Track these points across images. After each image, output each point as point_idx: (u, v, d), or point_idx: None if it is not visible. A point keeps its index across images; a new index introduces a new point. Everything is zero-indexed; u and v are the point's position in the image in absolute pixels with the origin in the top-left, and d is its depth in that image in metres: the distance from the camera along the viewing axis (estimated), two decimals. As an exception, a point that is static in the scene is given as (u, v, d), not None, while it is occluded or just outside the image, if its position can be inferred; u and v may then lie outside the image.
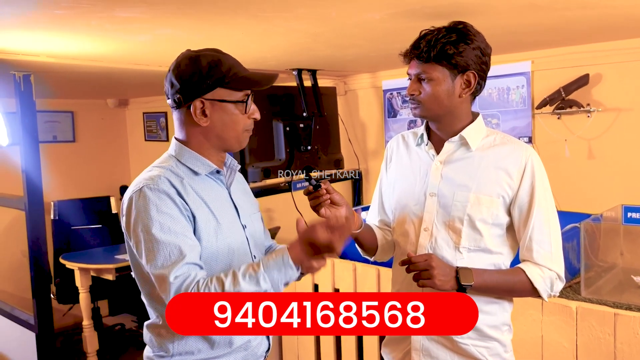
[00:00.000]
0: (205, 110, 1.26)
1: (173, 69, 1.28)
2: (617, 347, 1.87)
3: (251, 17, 1.69)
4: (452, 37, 1.31)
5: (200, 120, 1.27)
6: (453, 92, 1.36)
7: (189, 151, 1.31)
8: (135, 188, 1.24)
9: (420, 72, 1.36)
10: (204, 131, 1.29)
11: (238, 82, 1.27)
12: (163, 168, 1.28)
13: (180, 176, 1.28)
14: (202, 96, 1.25)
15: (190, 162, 1.31)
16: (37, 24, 1.69)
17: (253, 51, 2.31)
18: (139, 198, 1.21)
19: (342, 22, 1.82)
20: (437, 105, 1.37)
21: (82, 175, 4.62)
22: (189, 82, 1.25)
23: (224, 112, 1.28)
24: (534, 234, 1.36)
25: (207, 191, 1.31)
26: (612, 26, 2.10)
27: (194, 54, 1.28)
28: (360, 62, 2.88)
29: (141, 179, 1.26)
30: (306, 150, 2.87)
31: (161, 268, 1.18)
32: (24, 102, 2.60)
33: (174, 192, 1.23)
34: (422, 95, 1.37)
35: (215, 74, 1.25)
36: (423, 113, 1.40)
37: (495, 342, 1.42)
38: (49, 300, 2.75)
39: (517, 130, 2.75)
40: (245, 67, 1.31)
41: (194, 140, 1.31)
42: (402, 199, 1.50)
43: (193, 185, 1.28)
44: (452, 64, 1.33)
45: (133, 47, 2.12)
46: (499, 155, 1.39)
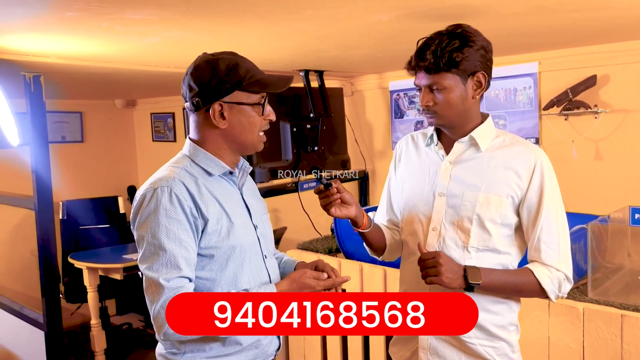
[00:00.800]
0: (223, 113, 1.29)
1: (191, 73, 1.30)
2: (624, 349, 1.87)
3: (259, 18, 1.70)
4: (455, 43, 1.32)
5: (219, 123, 1.29)
6: (466, 96, 1.37)
7: (204, 152, 1.33)
8: (149, 187, 1.26)
9: (431, 84, 1.36)
10: (223, 133, 1.32)
11: (255, 85, 1.29)
12: (177, 168, 1.31)
13: (194, 176, 1.30)
14: (221, 99, 1.27)
15: (204, 162, 1.33)
16: (48, 25, 1.71)
17: (261, 52, 2.32)
18: (150, 199, 1.24)
19: (350, 24, 1.83)
20: (453, 112, 1.38)
21: (90, 175, 4.65)
22: (208, 86, 1.27)
23: (241, 114, 1.30)
24: (542, 235, 1.36)
25: (221, 191, 1.33)
26: (619, 27, 2.09)
27: (212, 57, 1.30)
28: (367, 63, 2.88)
29: (156, 178, 1.28)
30: (313, 151, 2.88)
31: (156, 272, 1.21)
32: (34, 102, 2.63)
33: (186, 196, 1.25)
34: (437, 105, 1.37)
35: (234, 78, 1.27)
36: (440, 122, 1.40)
37: (503, 342, 1.42)
38: (58, 299, 2.77)
39: (524, 131, 2.75)
40: (260, 70, 1.33)
41: (211, 142, 1.33)
42: (411, 199, 1.51)
43: (207, 185, 1.31)
44: (461, 69, 1.33)
45: (142, 48, 2.14)
46: (508, 156, 1.40)
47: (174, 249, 1.21)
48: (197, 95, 1.28)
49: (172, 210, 1.22)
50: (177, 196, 1.23)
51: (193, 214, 1.25)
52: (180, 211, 1.23)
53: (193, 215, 1.25)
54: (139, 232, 1.25)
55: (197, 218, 1.26)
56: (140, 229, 1.25)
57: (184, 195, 1.24)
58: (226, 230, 1.29)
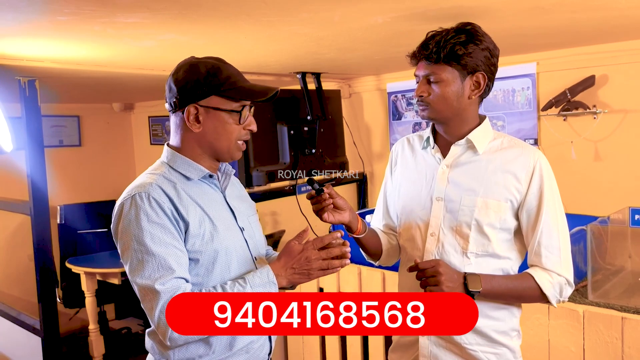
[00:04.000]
0: (199, 117, 1.28)
1: (173, 74, 1.30)
2: (625, 352, 1.85)
3: (254, 21, 1.69)
4: (461, 37, 1.30)
5: (193, 126, 1.28)
6: (462, 94, 1.35)
7: (181, 157, 1.32)
8: (126, 196, 1.24)
9: (429, 74, 1.34)
10: (197, 137, 1.30)
11: (234, 92, 1.28)
12: (155, 174, 1.29)
13: (173, 181, 1.28)
14: (197, 102, 1.27)
15: (182, 167, 1.31)
16: (40, 30, 1.69)
17: (256, 55, 2.31)
18: (130, 206, 1.22)
19: (346, 26, 1.81)
20: (446, 107, 1.35)
21: (88, 180, 4.63)
22: (185, 88, 1.27)
23: (217, 120, 1.28)
24: (542, 239, 1.34)
25: (201, 195, 1.31)
26: (617, 27, 2.08)
27: (195, 60, 1.30)
28: (364, 65, 2.87)
29: (133, 186, 1.27)
30: (311, 154, 2.87)
31: (148, 279, 1.18)
32: (29, 107, 2.61)
33: (165, 200, 1.23)
34: (431, 96, 1.35)
35: (212, 82, 1.26)
36: (431, 115, 1.38)
37: (505, 348, 1.40)
38: (55, 304, 2.76)
39: (522, 133, 2.73)
40: (246, 79, 1.31)
41: (187, 146, 1.32)
42: (408, 204, 1.48)
43: (186, 189, 1.29)
44: (462, 64, 1.31)
45: (137, 52, 2.12)
46: (506, 159, 1.38)
47: (162, 252, 1.19)
48: (174, 96, 1.28)
49: (154, 214, 1.21)
50: (156, 200, 1.22)
51: (175, 217, 1.23)
52: (162, 214, 1.21)
53: (175, 218, 1.23)
54: (123, 242, 1.22)
55: (179, 220, 1.24)
56: (123, 238, 1.22)
57: (162, 199, 1.23)
58: (209, 234, 1.27)
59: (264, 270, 1.26)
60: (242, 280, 1.24)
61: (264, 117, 2.70)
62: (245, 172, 2.63)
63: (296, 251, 1.28)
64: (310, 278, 1.27)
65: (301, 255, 1.27)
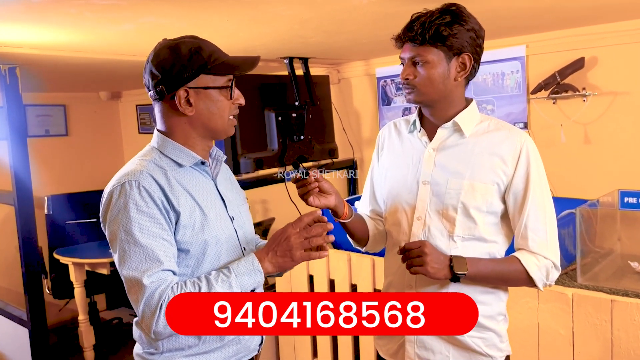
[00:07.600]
0: (190, 99, 1.24)
1: (152, 59, 1.25)
2: (614, 334, 1.85)
3: (237, 2, 1.65)
4: (445, 18, 1.28)
5: (186, 110, 1.24)
6: (448, 76, 1.32)
7: (173, 143, 1.28)
8: (116, 183, 1.21)
9: (414, 56, 1.32)
10: (190, 121, 1.27)
11: (220, 67, 1.24)
12: (145, 161, 1.25)
13: (163, 168, 1.24)
14: (186, 85, 1.22)
15: (173, 154, 1.28)
16: (14, 14, 1.64)
17: (241, 39, 2.26)
18: (119, 194, 1.18)
19: (330, 7, 1.77)
20: (433, 89, 1.33)
21: (75, 170, 4.57)
22: (171, 72, 1.22)
23: (209, 99, 1.25)
24: (529, 222, 1.33)
25: (192, 183, 1.28)
26: (606, 9, 2.05)
27: (172, 42, 1.25)
28: (352, 49, 2.83)
29: (123, 173, 1.23)
30: (299, 140, 2.83)
31: (135, 270, 1.15)
32: (10, 95, 2.56)
33: (156, 189, 1.19)
34: (417, 79, 1.33)
35: (197, 61, 1.22)
36: (418, 98, 1.36)
37: (491, 332, 1.39)
38: (42, 295, 2.73)
39: (512, 116, 2.71)
40: (225, 53, 1.28)
41: (179, 131, 1.28)
42: (394, 188, 1.46)
43: (177, 177, 1.25)
44: (447, 45, 1.29)
45: (117, 36, 2.07)
46: (493, 142, 1.36)
47: (150, 243, 1.16)
48: (160, 82, 1.23)
49: (143, 204, 1.17)
50: (146, 190, 1.18)
51: (165, 207, 1.20)
52: (152, 204, 1.18)
53: (165, 208, 1.20)
54: (111, 230, 1.20)
55: (170, 211, 1.20)
56: (111, 226, 1.19)
57: (153, 188, 1.19)
58: (200, 224, 1.24)
59: (249, 258, 1.24)
60: (227, 270, 1.21)
61: (252, 104, 2.66)
62: (232, 159, 2.59)
63: (277, 234, 1.26)
64: (294, 259, 1.23)
65: (281, 236, 1.24)
